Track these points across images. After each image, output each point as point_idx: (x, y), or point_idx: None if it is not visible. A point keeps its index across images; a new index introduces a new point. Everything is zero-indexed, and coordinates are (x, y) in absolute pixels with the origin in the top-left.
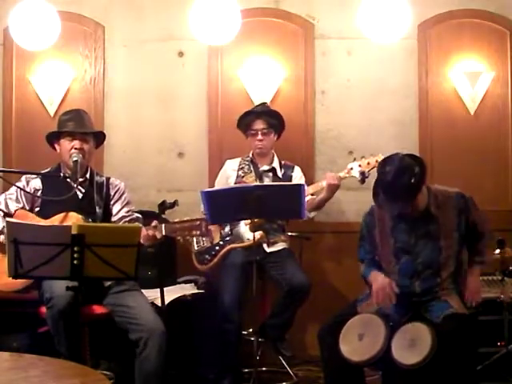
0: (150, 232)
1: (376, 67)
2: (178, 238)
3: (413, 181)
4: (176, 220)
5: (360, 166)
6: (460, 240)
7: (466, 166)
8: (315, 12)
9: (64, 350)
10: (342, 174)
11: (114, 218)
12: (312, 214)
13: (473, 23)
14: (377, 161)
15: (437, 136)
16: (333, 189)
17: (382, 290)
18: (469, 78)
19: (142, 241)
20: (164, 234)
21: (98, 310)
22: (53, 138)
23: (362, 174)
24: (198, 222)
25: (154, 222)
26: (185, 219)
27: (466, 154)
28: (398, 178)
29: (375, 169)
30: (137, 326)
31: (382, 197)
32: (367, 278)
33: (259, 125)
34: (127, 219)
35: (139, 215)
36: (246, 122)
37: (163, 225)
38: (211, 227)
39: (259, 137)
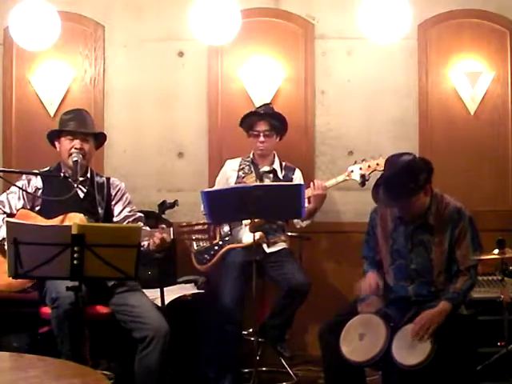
0: (156, 240)
1: (376, 67)
2: (186, 241)
3: (411, 185)
4: (184, 223)
5: (361, 168)
6: (449, 253)
7: (466, 165)
8: (315, 12)
9: (67, 350)
10: (341, 177)
11: (116, 219)
12: (305, 223)
13: (473, 23)
14: (378, 164)
15: (437, 136)
16: (318, 199)
17: (367, 283)
18: (469, 78)
19: (151, 247)
20: (172, 237)
21: (101, 309)
22: (53, 137)
23: (363, 176)
24: (206, 226)
25: (161, 226)
26: (193, 223)
27: (466, 153)
28: (398, 176)
29: (376, 172)
30: (142, 325)
31: (380, 190)
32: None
33: (262, 126)
34: (131, 219)
35: (141, 214)
36: (248, 122)
37: (171, 228)
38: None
39: (261, 138)
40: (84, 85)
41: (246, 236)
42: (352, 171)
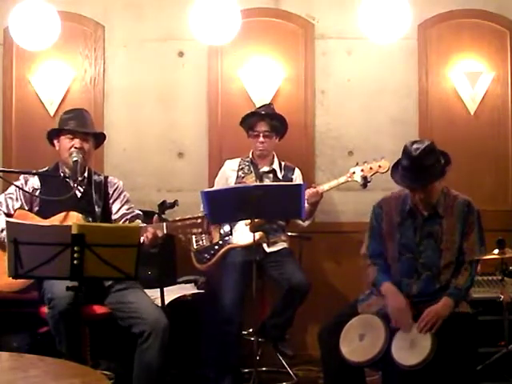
0: (149, 235)
1: (376, 67)
2: (180, 236)
3: (437, 164)
4: (177, 218)
5: (362, 170)
6: (460, 246)
7: (466, 165)
8: (315, 12)
9: (65, 350)
10: (343, 179)
11: (114, 217)
12: (306, 223)
13: (473, 23)
14: (380, 166)
15: (437, 136)
16: (313, 203)
17: (400, 313)
18: (469, 78)
19: (146, 243)
20: (165, 232)
21: (99, 309)
22: (53, 136)
23: (364, 178)
24: (200, 220)
25: (155, 218)
26: (186, 217)
27: (466, 153)
28: (425, 156)
29: (377, 174)
30: (140, 320)
31: (401, 173)
32: (379, 287)
33: (262, 127)
34: (129, 216)
35: (140, 212)
36: (249, 122)
37: (164, 223)
38: (211, 226)
39: (261, 139)
40: (84, 85)
41: (244, 236)
42: (354, 172)
